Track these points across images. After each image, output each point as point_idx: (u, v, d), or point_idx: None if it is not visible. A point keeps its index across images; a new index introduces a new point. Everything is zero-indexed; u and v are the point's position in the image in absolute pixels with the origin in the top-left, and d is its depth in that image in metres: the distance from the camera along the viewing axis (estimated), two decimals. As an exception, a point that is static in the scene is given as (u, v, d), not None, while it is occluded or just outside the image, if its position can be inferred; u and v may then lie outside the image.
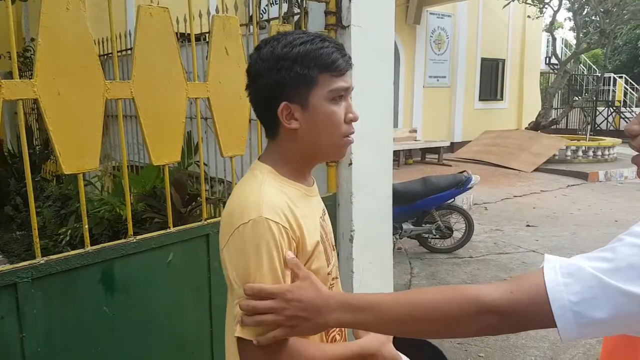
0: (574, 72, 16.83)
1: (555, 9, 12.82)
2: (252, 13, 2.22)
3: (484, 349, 3.32)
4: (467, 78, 13.22)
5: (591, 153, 11.22)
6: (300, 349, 0.95)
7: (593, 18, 13.71)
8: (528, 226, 6.46)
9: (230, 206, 0.98)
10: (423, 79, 12.36)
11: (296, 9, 2.51)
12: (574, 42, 14.22)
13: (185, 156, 3.97)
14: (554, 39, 13.45)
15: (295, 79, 0.96)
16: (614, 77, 18.50)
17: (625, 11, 11.61)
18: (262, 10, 7.49)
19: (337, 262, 1.16)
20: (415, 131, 11.17)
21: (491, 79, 14.11)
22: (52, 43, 1.45)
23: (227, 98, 1.95)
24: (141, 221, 3.54)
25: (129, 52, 4.66)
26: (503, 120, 14.08)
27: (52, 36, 1.45)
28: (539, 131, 12.41)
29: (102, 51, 5.11)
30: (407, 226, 5.11)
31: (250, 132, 2.12)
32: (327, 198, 2.45)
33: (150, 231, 1.93)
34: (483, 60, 13.63)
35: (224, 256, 0.96)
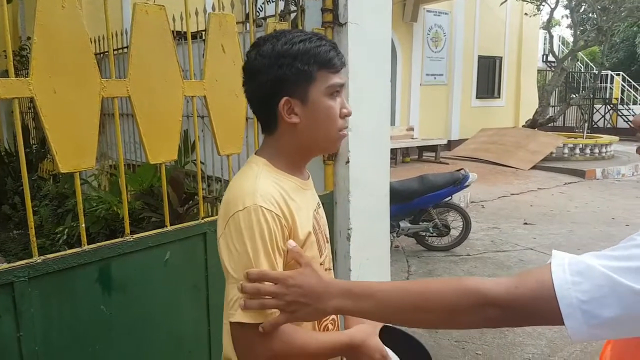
0: (571, 70, 16.87)
1: (552, 7, 12.82)
2: (249, 11, 2.21)
3: (482, 347, 3.32)
4: (464, 76, 13.23)
5: (588, 151, 11.24)
6: (292, 335, 0.97)
7: (590, 15, 13.72)
8: (525, 224, 6.48)
9: (227, 196, 1.02)
10: (420, 77, 12.36)
11: (293, 7, 2.51)
12: (571, 40, 14.26)
13: (182, 155, 3.97)
14: (551, 37, 13.46)
15: (296, 75, 1.00)
16: (611, 75, 18.51)
17: (622, 8, 11.62)
18: (259, 7, 7.47)
19: (331, 255, 1.19)
20: (412, 129, 11.18)
21: (488, 77, 14.12)
22: (48, 41, 1.45)
23: (224, 96, 1.95)
24: (138, 220, 3.54)
25: (125, 51, 4.64)
26: (500, 118, 14.10)
27: (48, 34, 1.45)
28: (536, 129, 12.43)
29: (98, 49, 5.09)
30: (405, 224, 5.11)
31: (247, 130, 2.12)
32: (325, 196, 2.45)
33: (147, 230, 1.93)
34: (480, 57, 13.64)
35: (220, 243, 1.00)
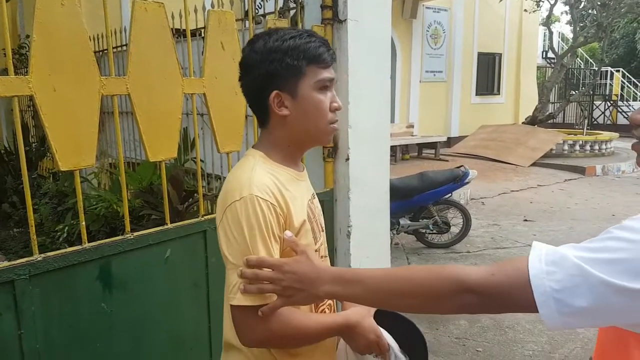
0: (571, 66, 16.85)
1: (552, 3, 12.81)
2: (248, 8, 2.21)
3: (482, 344, 3.33)
4: (464, 72, 13.21)
5: (588, 147, 11.23)
6: (289, 316, 1.03)
7: (590, 11, 13.70)
8: (525, 221, 6.48)
9: (224, 187, 1.07)
10: (419, 74, 12.34)
11: (292, 4, 2.50)
12: (571, 36, 14.25)
13: (181, 152, 3.97)
14: (551, 33, 13.44)
15: (285, 70, 1.05)
16: (611, 71, 18.50)
17: (622, 4, 11.60)
18: (258, 5, 7.46)
19: (326, 244, 1.24)
20: (412, 126, 11.17)
21: (488, 74, 14.11)
22: (47, 39, 1.45)
23: (224, 94, 1.95)
24: (138, 218, 3.54)
25: (125, 49, 4.64)
26: (500, 114, 14.09)
27: (47, 32, 1.44)
28: (536, 125, 12.42)
29: (98, 47, 5.09)
30: (405, 221, 5.11)
31: (246, 128, 2.12)
32: (325, 193, 2.45)
33: (147, 228, 1.93)
34: (480, 54, 13.62)
35: (219, 232, 1.04)
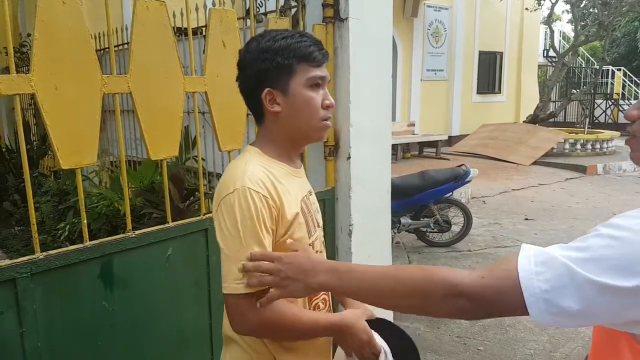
0: (572, 65, 16.82)
1: (553, 1, 12.78)
2: (249, 6, 2.21)
3: (483, 343, 3.33)
4: (465, 71, 13.20)
5: (589, 146, 11.22)
6: (283, 307, 1.07)
7: (591, 10, 13.67)
8: (526, 219, 6.48)
9: (220, 182, 1.11)
10: (420, 73, 12.33)
11: (293, 2, 2.50)
12: (572, 35, 14.19)
13: (182, 151, 3.97)
14: (552, 32, 13.41)
15: (276, 68, 1.09)
16: (612, 70, 18.46)
17: (623, 3, 11.58)
18: (259, 3, 7.44)
19: (323, 239, 1.27)
20: (413, 125, 11.16)
21: (489, 72, 14.09)
22: (49, 38, 1.45)
23: (225, 92, 1.95)
24: (139, 216, 3.54)
25: (126, 47, 4.64)
26: (501, 113, 14.07)
27: (49, 31, 1.44)
28: (537, 124, 12.40)
29: (99, 46, 5.08)
30: (406, 220, 5.11)
31: (247, 126, 2.12)
32: (326, 192, 2.45)
33: (148, 226, 1.93)
34: (481, 53, 13.61)
35: (215, 224, 1.08)
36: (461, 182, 5.15)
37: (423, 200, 5.07)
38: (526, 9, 13.78)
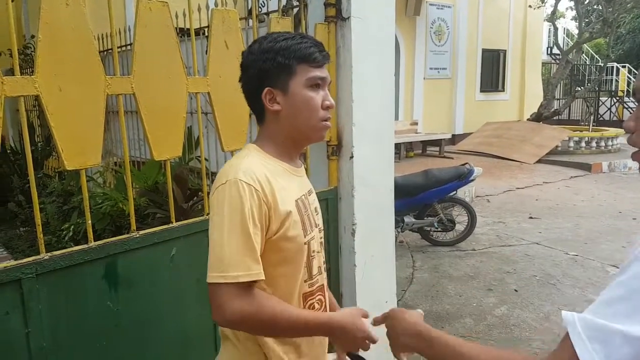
0: (576, 62, 16.73)
1: (556, -1, 12.74)
2: (251, 6, 2.21)
3: (488, 342, 3.33)
4: (468, 69, 13.17)
5: (594, 144, 11.17)
6: (266, 301, 1.07)
7: (595, 7, 13.59)
8: (531, 218, 6.46)
9: (217, 175, 1.13)
10: (423, 71, 12.31)
11: (295, 2, 2.50)
12: (576, 32, 14.15)
13: (186, 151, 3.98)
14: (556, 29, 13.38)
15: (277, 68, 1.12)
16: (617, 67, 18.37)
17: None
18: (261, 3, 7.45)
19: (321, 240, 1.28)
20: (416, 123, 11.15)
21: (492, 70, 14.05)
22: (53, 39, 1.45)
23: (228, 92, 1.95)
24: (143, 216, 3.55)
25: (129, 48, 4.65)
26: (505, 111, 14.03)
27: (52, 32, 1.45)
28: (541, 122, 12.36)
29: (102, 47, 5.10)
30: (409, 219, 5.11)
31: (250, 126, 2.12)
32: (329, 192, 2.45)
33: (152, 226, 1.94)
34: (484, 51, 13.57)
35: (210, 213, 1.11)
36: (465, 181, 5.14)
37: (427, 199, 5.07)
38: (529, 6, 13.72)
